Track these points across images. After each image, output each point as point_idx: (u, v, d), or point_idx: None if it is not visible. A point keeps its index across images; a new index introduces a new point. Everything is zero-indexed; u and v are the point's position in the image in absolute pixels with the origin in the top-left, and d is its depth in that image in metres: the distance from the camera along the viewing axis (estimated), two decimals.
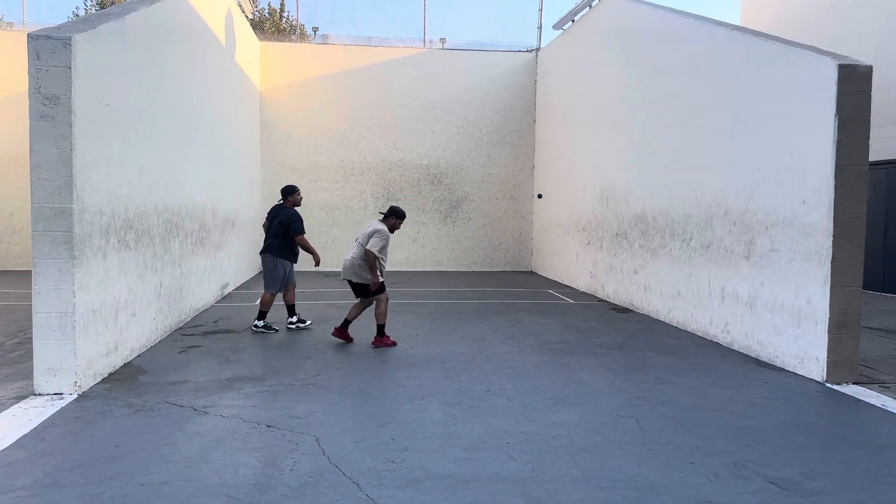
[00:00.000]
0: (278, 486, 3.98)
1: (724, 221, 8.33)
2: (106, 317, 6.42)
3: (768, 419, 5.41)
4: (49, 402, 5.53)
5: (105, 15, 6.88)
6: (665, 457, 4.54)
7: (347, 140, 17.09)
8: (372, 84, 17.12)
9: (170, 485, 3.99)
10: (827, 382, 6.49)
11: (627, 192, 11.42)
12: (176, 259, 8.76)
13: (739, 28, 8.60)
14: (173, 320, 8.66)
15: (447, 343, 8.23)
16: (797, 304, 6.95)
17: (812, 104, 6.78)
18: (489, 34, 18.84)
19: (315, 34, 18.12)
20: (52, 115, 5.66)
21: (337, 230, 17.02)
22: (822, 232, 6.57)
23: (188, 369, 6.75)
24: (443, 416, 5.34)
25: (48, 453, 4.45)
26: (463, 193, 17.47)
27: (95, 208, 6.17)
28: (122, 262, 6.82)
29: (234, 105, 13.34)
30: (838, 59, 6.55)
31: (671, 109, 9.89)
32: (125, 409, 5.41)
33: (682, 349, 8.01)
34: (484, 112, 17.46)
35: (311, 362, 7.09)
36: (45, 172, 5.66)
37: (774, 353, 7.30)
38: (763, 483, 4.14)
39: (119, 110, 6.79)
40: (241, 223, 13.72)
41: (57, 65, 5.67)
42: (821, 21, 15.12)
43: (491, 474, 4.21)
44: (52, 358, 5.73)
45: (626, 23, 11.92)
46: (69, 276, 5.72)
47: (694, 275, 9.06)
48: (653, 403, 5.76)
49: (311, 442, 4.73)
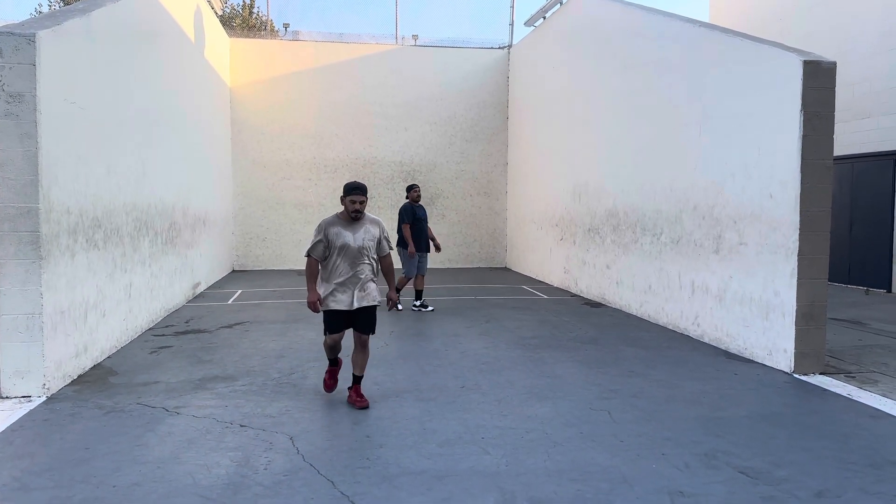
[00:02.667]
0: (252, 486, 3.96)
1: (694, 216, 8.44)
2: (75, 317, 6.32)
3: (738, 410, 5.50)
4: (17, 405, 5.44)
5: (70, 11, 6.76)
6: (637, 448, 4.61)
7: (320, 137, 16.99)
8: (344, 81, 17.04)
9: (142, 486, 3.95)
10: (794, 373, 6.62)
11: (599, 188, 11.52)
12: (146, 258, 8.65)
13: (708, 25, 8.71)
14: (144, 320, 8.55)
15: (422, 340, 8.24)
16: (765, 297, 7.07)
17: (778, 100, 6.90)
18: (462, 31, 18.87)
19: (286, 31, 17.97)
20: (16, 112, 5.56)
21: (310, 228, 16.89)
22: (789, 225, 6.70)
23: (159, 370, 6.67)
24: (418, 413, 5.36)
25: (16, 457, 4.38)
26: (437, 190, 17.46)
27: (62, 207, 6.07)
28: (90, 261, 6.72)
29: (204, 102, 13.19)
30: (803, 55, 6.67)
31: (641, 105, 10.00)
32: (96, 411, 5.33)
33: (654, 342, 8.11)
34: (457, 109, 17.47)
35: (284, 361, 7.06)
36: (9, 171, 5.56)
37: (744, 345, 7.43)
38: (733, 472, 4.21)
39: (86, 108, 6.69)
40: (212, 221, 13.58)
41: (21, 62, 5.57)
42: (788, 18, 15.38)
43: (466, 469, 4.24)
44: (20, 360, 5.64)
45: (596, 20, 12.01)
46: (36, 277, 5.63)
47: (664, 269, 9.18)
48: (625, 396, 5.83)
49: (286, 441, 4.71)
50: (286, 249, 16.89)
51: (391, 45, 17.39)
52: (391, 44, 17.42)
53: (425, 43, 17.63)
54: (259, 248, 16.83)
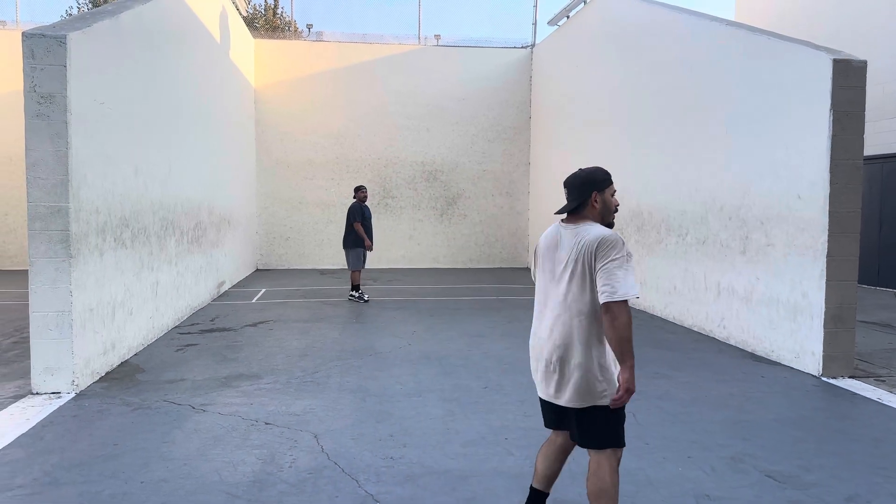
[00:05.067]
0: (277, 483, 3.99)
1: (720, 216, 8.35)
2: (103, 315, 6.41)
3: (765, 413, 5.43)
4: (47, 401, 5.53)
5: (100, 13, 6.86)
6: (663, 451, 4.56)
7: (343, 137, 17.07)
8: (367, 81, 17.09)
9: (169, 482, 3.99)
10: (823, 376, 6.52)
11: (623, 188, 11.41)
12: (172, 257, 8.75)
13: (734, 24, 8.61)
14: (170, 318, 8.65)
15: (444, 340, 8.24)
16: (793, 299, 6.98)
17: (807, 99, 6.80)
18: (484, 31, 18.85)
19: (309, 31, 18.08)
20: (47, 113, 5.65)
21: (332, 227, 16.99)
22: (818, 227, 6.60)
23: (186, 367, 6.74)
24: (441, 413, 5.36)
25: (47, 452, 4.45)
26: (459, 190, 17.46)
27: (91, 206, 6.16)
28: (118, 260, 6.81)
29: (228, 102, 13.30)
30: (833, 53, 6.57)
31: (666, 105, 9.91)
32: (123, 408, 5.40)
33: (679, 344, 8.04)
34: (479, 108, 17.45)
35: (308, 360, 7.10)
36: (41, 171, 5.65)
37: (770, 347, 7.33)
38: (760, 476, 4.16)
39: (114, 108, 6.78)
40: (236, 221, 13.70)
41: (52, 63, 5.66)
42: (815, 16, 15.15)
43: (490, 470, 4.23)
44: (50, 357, 5.73)
45: (620, 19, 11.93)
46: (66, 275, 5.71)
47: (690, 270, 9.09)
48: (650, 398, 5.79)
49: (310, 439, 4.73)
50: (309, 249, 17.00)
51: (414, 45, 17.42)
52: (414, 44, 17.45)
53: (448, 43, 17.63)
54: (282, 248, 16.94)
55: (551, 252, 3.10)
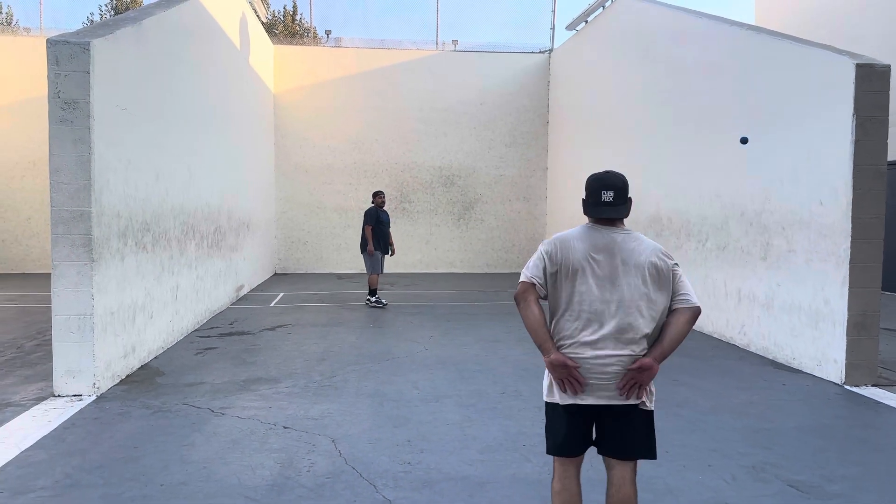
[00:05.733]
0: (296, 488, 4.00)
1: (741, 222, 8.28)
2: (124, 319, 6.47)
3: (786, 421, 5.37)
4: (68, 404, 5.59)
5: (122, 20, 6.94)
6: (682, 459, 4.52)
7: (360, 142, 17.14)
8: (384, 86, 17.16)
9: (188, 485, 4.02)
10: (845, 384, 6.43)
11: (641, 193, 11.36)
12: (192, 261, 8.82)
13: (755, 28, 8.55)
14: (189, 322, 8.72)
15: (461, 345, 8.23)
16: (815, 306, 6.89)
17: (829, 104, 6.73)
18: (502, 36, 18.79)
19: (328, 37, 18.19)
20: (70, 119, 5.72)
21: (350, 232, 17.05)
22: (840, 233, 6.52)
23: (205, 371, 6.79)
24: (458, 418, 5.35)
25: (69, 454, 4.49)
26: (476, 195, 17.46)
27: (113, 211, 6.23)
28: (139, 264, 6.87)
29: (248, 108, 13.41)
30: (856, 58, 6.49)
31: (686, 109, 9.85)
32: (143, 411, 5.45)
33: (699, 351, 7.97)
34: (496, 113, 17.45)
35: (326, 364, 7.12)
36: (64, 176, 5.72)
37: (792, 354, 7.25)
38: (782, 486, 4.11)
39: (136, 114, 6.85)
40: (255, 225, 13.79)
41: (76, 69, 5.73)
42: (837, 20, 15.00)
43: (507, 476, 4.21)
44: (71, 360, 5.79)
45: (639, 23, 11.88)
46: (88, 279, 5.78)
47: (710, 276, 9.01)
48: (669, 405, 5.74)
49: (328, 443, 4.74)
50: (326, 253, 17.07)
51: (431, 50, 17.47)
52: (431, 49, 17.49)
53: (465, 48, 17.67)
54: (300, 252, 17.03)
55: (607, 256, 2.92)
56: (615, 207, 2.96)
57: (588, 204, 3.00)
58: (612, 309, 2.90)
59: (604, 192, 2.95)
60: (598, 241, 2.95)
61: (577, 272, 2.93)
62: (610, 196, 2.95)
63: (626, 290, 2.90)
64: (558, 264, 2.94)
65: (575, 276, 2.93)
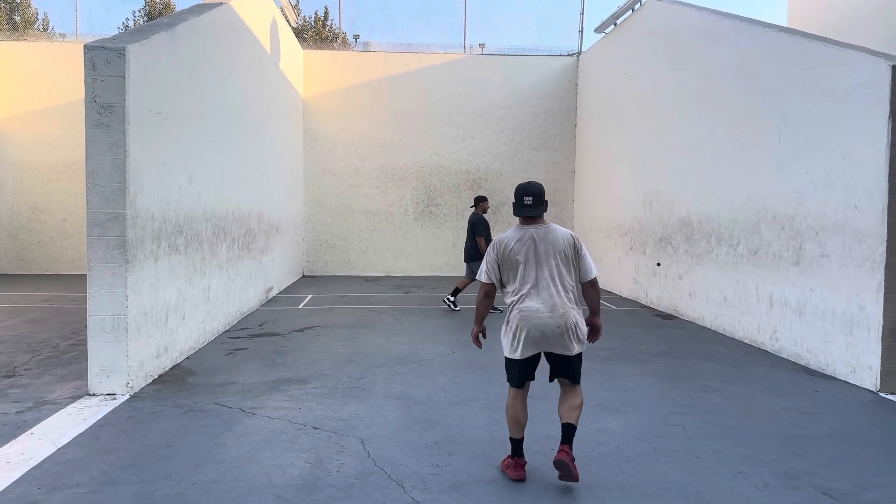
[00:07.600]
0: (325, 488, 4.03)
1: (773, 226, 8.16)
2: (157, 319, 6.58)
3: (819, 428, 5.28)
4: (103, 402, 5.69)
5: (156, 25, 7.07)
6: (713, 465, 4.47)
7: (388, 146, 17.22)
8: (413, 90, 17.23)
9: (220, 484, 4.07)
10: (880, 392, 6.31)
11: (672, 197, 11.27)
12: (223, 263, 8.94)
13: (787, 29, 8.43)
14: (220, 323, 8.83)
15: (489, 348, 8.20)
16: (849, 311, 6.78)
17: (864, 106, 6.61)
18: (530, 39, 18.79)
19: (356, 42, 18.34)
20: (106, 123, 5.84)
21: (377, 235, 17.15)
22: (876, 237, 6.40)
23: (236, 371, 6.87)
24: (486, 421, 5.35)
25: (103, 452, 4.58)
26: (503, 198, 17.43)
27: (147, 214, 6.34)
28: (172, 265, 6.99)
29: (278, 112, 13.56)
30: (891, 59, 6.38)
31: (717, 112, 9.74)
32: (175, 410, 5.53)
33: (730, 357, 7.87)
34: (524, 117, 17.42)
35: (354, 366, 7.16)
36: (99, 179, 5.84)
37: (825, 361, 7.13)
38: (815, 493, 4.04)
39: (169, 118, 6.97)
40: (284, 228, 13.93)
41: (112, 74, 5.85)
42: (872, 21, 14.72)
43: (536, 481, 4.20)
44: (106, 359, 5.91)
45: (669, 25, 11.79)
46: (122, 280, 5.89)
47: (741, 280, 8.90)
48: (700, 411, 5.68)
49: (357, 444, 4.78)
50: (354, 256, 17.17)
51: (459, 54, 17.49)
52: (459, 53, 17.52)
53: (493, 51, 17.66)
54: (328, 255, 17.15)
55: (531, 247, 4.10)
56: (534, 208, 4.12)
57: (515, 206, 4.18)
58: (542, 281, 4.07)
59: (525, 197, 4.12)
60: (525, 235, 4.13)
61: (515, 259, 4.11)
62: (530, 200, 4.12)
63: (548, 268, 4.08)
64: (501, 257, 4.15)
65: (515, 262, 4.12)
